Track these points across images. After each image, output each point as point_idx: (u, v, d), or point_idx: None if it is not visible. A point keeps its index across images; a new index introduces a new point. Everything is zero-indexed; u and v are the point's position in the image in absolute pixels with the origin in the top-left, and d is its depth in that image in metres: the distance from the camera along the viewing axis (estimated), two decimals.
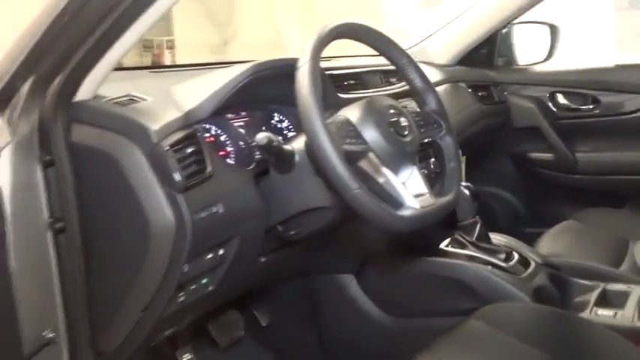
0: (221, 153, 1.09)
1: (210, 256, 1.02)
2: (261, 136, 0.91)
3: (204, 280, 1.06)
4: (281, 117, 1.31)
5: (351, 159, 0.97)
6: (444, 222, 1.67)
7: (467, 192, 1.38)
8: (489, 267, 1.34)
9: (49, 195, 0.97)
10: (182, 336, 1.39)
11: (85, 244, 0.98)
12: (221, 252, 1.05)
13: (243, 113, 1.22)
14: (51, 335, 1.02)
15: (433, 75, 1.97)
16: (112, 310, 1.00)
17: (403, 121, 1.03)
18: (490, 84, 2.13)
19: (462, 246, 1.42)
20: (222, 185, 1.00)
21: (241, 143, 1.15)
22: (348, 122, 0.98)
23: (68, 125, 0.95)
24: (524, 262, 1.42)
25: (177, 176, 0.90)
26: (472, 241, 1.40)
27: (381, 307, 1.47)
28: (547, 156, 2.11)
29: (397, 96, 1.57)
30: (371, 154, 0.98)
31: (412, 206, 0.97)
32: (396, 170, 1.00)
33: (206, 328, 1.49)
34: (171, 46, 3.56)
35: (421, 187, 1.03)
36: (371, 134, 0.98)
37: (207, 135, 1.10)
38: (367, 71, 1.55)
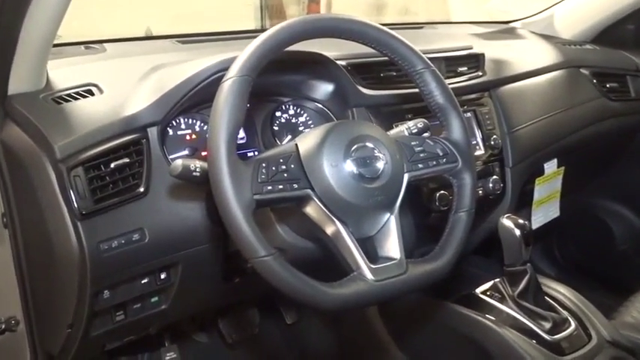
0: (204, 153, 0.96)
1: (145, 280, 0.90)
2: (174, 165, 0.73)
3: (154, 299, 0.95)
4: (298, 110, 1.11)
5: (286, 207, 0.76)
6: (490, 262, 1.36)
7: (518, 232, 1.06)
8: (525, 337, 1.03)
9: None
10: (175, 331, 1.33)
11: (26, 243, 0.93)
12: (163, 276, 0.92)
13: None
14: (10, 322, 1.01)
15: (548, 55, 1.56)
16: (48, 317, 0.95)
17: (375, 161, 0.77)
18: (628, 72, 1.62)
19: (502, 298, 1.12)
20: (156, 206, 0.86)
21: None
22: (292, 156, 0.75)
23: (1, 122, 0.87)
24: (586, 333, 1.07)
25: (76, 202, 0.78)
26: (513, 295, 1.09)
27: (396, 342, 1.25)
28: None
29: (467, 90, 1.26)
30: (317, 202, 0.74)
31: (362, 278, 0.73)
32: (355, 223, 0.76)
33: (217, 323, 1.42)
34: None
35: (394, 247, 0.78)
36: (318, 175, 0.74)
37: (181, 133, 0.97)
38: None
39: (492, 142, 1.26)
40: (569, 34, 1.70)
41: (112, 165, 0.82)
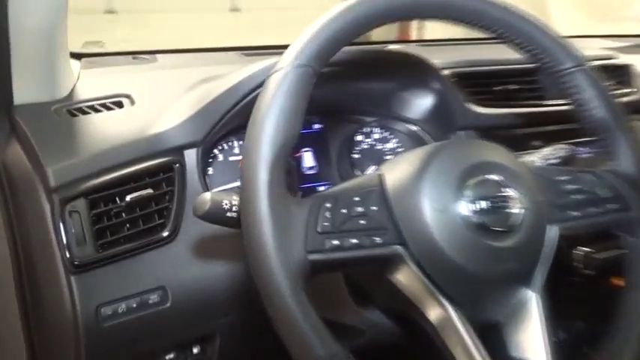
0: None
1: (171, 356, 0.67)
2: (201, 200, 0.49)
3: None
4: (386, 133, 0.87)
5: (365, 271, 0.49)
6: None
7: None
8: None
9: None
10: None
11: (32, 293, 0.73)
12: (196, 350, 0.68)
13: (317, 126, 0.83)
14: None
15: None
16: None
17: (506, 203, 0.48)
18: None
19: None
20: (184, 257, 0.63)
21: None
22: (375, 194, 0.48)
23: (6, 138, 0.69)
24: None
25: (69, 248, 0.56)
26: None
27: None
28: None
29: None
30: (411, 266, 0.47)
31: None
32: (472, 303, 0.48)
33: None
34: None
35: (535, 344, 0.49)
36: (415, 223, 0.47)
37: (233, 159, 0.75)
38: None
39: None
40: None
41: (129, 198, 0.60)
